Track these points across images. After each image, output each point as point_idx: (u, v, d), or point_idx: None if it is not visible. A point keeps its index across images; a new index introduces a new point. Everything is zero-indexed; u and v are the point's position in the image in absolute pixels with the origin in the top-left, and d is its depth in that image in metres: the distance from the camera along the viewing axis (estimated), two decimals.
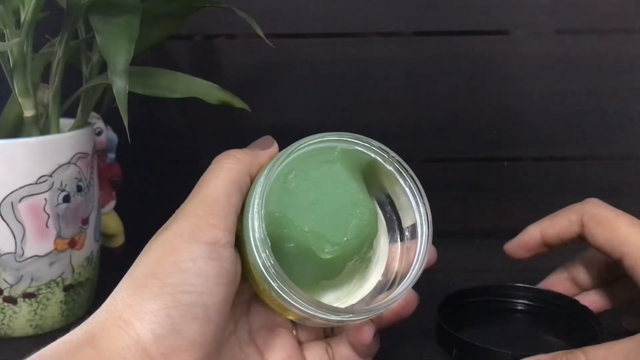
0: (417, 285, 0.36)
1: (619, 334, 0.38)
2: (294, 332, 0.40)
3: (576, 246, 0.45)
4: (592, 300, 0.47)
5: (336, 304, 0.38)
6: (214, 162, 0.36)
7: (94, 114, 0.55)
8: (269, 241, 0.34)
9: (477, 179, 0.67)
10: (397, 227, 0.39)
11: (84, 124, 0.50)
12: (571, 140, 0.66)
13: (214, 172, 0.36)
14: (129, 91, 0.41)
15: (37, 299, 0.47)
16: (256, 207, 0.34)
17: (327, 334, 0.41)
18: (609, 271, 0.46)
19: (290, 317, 0.38)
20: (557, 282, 0.48)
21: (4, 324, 0.47)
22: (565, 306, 0.46)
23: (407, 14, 0.64)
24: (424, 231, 0.37)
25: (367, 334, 0.38)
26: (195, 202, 0.35)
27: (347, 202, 0.36)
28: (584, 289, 0.47)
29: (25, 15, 0.44)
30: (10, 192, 0.45)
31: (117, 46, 0.42)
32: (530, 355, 0.38)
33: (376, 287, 0.38)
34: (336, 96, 0.65)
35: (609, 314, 0.46)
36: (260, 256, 0.34)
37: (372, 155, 0.37)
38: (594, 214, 0.43)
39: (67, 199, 0.47)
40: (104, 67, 0.45)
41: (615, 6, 0.63)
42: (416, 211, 0.37)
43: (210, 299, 0.33)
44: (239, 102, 0.50)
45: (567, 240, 0.45)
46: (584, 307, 0.45)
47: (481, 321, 0.48)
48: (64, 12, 0.45)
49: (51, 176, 0.46)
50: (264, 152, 0.37)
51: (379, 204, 0.39)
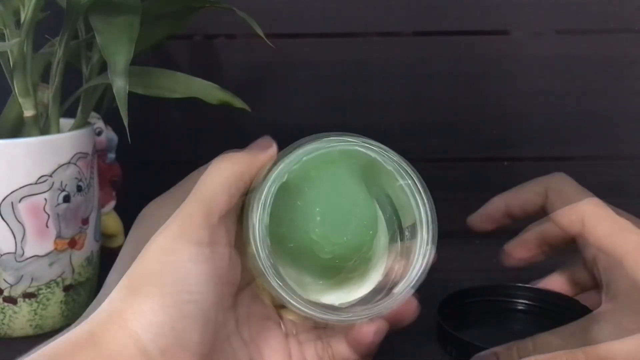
0: None
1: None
2: (294, 331, 0.40)
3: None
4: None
5: (336, 304, 0.38)
6: (212, 163, 0.36)
7: (94, 114, 0.55)
8: (268, 241, 0.34)
9: (477, 179, 0.67)
10: (397, 227, 0.39)
11: (84, 124, 0.50)
12: (571, 140, 0.66)
13: (212, 173, 0.36)
14: (129, 91, 0.41)
15: (37, 299, 0.47)
16: (256, 207, 0.34)
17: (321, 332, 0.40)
18: None
19: (290, 317, 0.38)
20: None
21: (4, 324, 0.47)
22: (565, 306, 0.46)
23: (407, 14, 0.64)
24: (425, 231, 0.37)
25: (367, 334, 0.38)
26: (194, 203, 0.35)
27: (347, 202, 0.36)
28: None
29: (25, 15, 0.44)
30: (10, 192, 0.45)
31: (117, 46, 0.42)
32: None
33: (376, 287, 0.38)
34: (336, 96, 0.65)
35: None
36: (260, 256, 0.34)
37: (372, 155, 0.37)
38: (559, 188, 0.43)
39: (67, 199, 0.47)
40: (104, 67, 0.45)
41: (615, 6, 0.63)
42: (416, 211, 0.37)
43: (208, 299, 0.33)
44: (239, 102, 0.50)
45: (530, 211, 0.45)
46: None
47: (481, 321, 0.48)
48: (64, 12, 0.45)
49: (51, 176, 0.46)
50: (263, 152, 0.37)
51: (379, 204, 0.39)
